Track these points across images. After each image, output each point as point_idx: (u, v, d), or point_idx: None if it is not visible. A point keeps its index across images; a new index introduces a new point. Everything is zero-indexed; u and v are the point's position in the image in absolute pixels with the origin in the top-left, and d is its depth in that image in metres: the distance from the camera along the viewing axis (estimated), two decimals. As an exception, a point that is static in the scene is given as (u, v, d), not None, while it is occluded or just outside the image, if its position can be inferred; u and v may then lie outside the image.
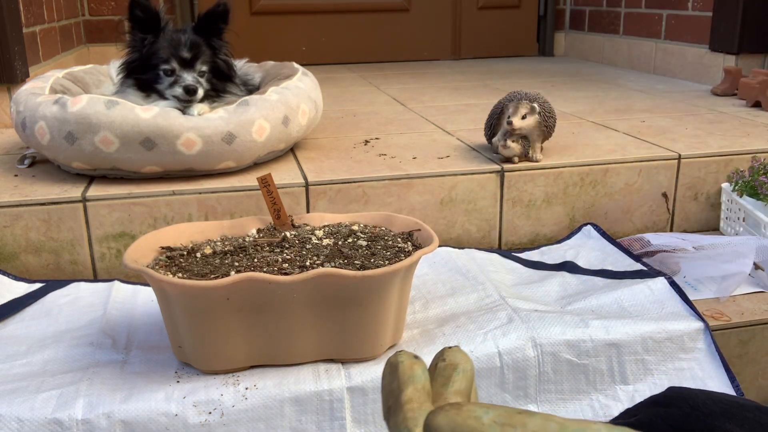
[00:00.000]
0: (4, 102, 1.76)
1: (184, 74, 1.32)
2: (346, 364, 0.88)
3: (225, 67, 1.40)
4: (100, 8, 2.60)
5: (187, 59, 1.32)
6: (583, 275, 1.15)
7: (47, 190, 1.21)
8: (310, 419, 0.86)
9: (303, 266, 0.87)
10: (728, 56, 2.21)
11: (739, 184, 1.31)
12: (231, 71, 1.42)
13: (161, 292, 0.85)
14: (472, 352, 0.91)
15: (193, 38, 1.34)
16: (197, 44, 1.34)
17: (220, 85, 1.39)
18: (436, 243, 0.90)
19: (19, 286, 1.13)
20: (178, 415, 0.81)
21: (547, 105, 1.33)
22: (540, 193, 1.33)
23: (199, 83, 1.32)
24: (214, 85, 1.38)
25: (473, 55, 3.19)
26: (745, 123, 1.68)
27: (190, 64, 1.33)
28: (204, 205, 1.21)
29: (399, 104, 2.02)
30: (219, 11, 1.34)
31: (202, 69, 1.34)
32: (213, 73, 1.37)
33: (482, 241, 1.33)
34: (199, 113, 1.25)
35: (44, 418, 0.79)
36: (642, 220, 1.39)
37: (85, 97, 1.21)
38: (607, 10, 2.90)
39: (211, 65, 1.37)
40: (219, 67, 1.38)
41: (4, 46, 1.68)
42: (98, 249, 1.19)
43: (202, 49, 1.34)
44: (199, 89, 1.31)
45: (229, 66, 1.41)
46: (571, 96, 2.11)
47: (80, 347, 0.94)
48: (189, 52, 1.32)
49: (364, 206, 1.27)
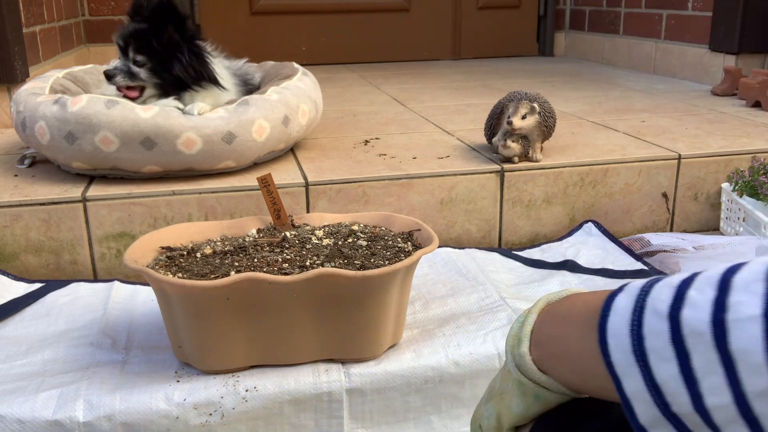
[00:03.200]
0: (4, 102, 1.76)
1: (116, 61, 1.32)
2: (346, 364, 0.88)
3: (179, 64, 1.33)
4: (100, 8, 2.60)
5: (121, 46, 1.32)
6: (583, 274, 1.15)
7: (47, 190, 1.21)
8: (308, 416, 0.86)
9: (303, 266, 0.87)
10: (728, 56, 2.21)
11: (739, 184, 1.31)
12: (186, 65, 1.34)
13: (161, 292, 0.85)
14: (471, 354, 0.91)
15: (136, 27, 1.31)
16: (135, 33, 1.31)
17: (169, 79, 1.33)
18: (436, 243, 0.90)
19: (19, 286, 1.13)
20: (179, 417, 0.81)
21: (547, 105, 1.33)
22: (540, 193, 1.33)
23: (130, 72, 1.31)
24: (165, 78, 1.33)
25: (473, 55, 3.19)
26: (745, 123, 1.68)
27: (124, 51, 1.32)
28: (204, 205, 1.21)
29: (399, 104, 2.02)
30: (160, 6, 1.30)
31: (136, 58, 1.31)
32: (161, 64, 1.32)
33: (482, 241, 1.33)
34: (199, 113, 1.25)
35: (45, 420, 0.79)
36: (642, 220, 1.39)
37: (85, 97, 1.21)
38: (607, 10, 2.90)
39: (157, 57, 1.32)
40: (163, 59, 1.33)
41: (4, 46, 1.68)
42: (98, 249, 1.19)
43: (140, 37, 1.30)
44: (118, 75, 1.30)
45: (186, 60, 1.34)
46: (571, 96, 2.11)
47: (80, 347, 0.94)
48: (123, 40, 1.31)
49: (364, 206, 1.27)
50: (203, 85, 1.36)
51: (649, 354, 0.38)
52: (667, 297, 0.38)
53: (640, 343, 0.38)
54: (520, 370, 0.51)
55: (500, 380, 0.56)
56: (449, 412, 0.91)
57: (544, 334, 0.50)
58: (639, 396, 0.39)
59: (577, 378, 0.47)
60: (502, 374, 0.56)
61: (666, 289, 0.39)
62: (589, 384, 0.45)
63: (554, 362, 0.49)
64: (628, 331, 0.39)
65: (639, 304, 0.40)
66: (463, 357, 0.90)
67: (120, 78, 1.31)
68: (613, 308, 0.41)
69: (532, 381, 0.51)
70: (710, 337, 0.35)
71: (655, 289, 0.40)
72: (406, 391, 0.88)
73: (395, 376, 0.88)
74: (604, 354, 0.41)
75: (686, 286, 0.38)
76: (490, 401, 0.57)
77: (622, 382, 0.40)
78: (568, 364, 0.47)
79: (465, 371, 0.90)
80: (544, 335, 0.50)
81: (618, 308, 0.41)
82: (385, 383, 0.87)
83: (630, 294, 0.41)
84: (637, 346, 0.38)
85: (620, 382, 0.40)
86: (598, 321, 0.42)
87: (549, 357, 0.49)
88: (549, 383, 0.50)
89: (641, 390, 0.38)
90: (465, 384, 0.90)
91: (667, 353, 0.37)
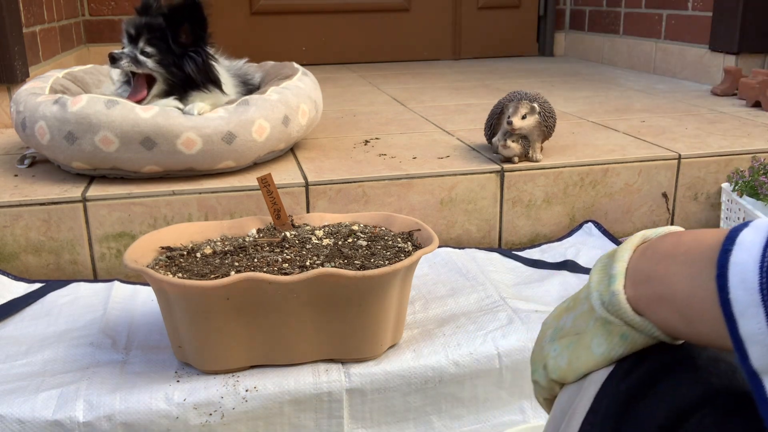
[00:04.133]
0: (4, 102, 1.76)
1: (124, 48, 1.33)
2: (346, 364, 0.88)
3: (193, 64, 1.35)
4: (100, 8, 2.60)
5: (132, 35, 1.32)
6: (583, 274, 1.15)
7: (47, 190, 1.21)
8: (308, 416, 0.86)
9: (303, 266, 0.87)
10: (728, 56, 2.20)
11: (739, 184, 1.31)
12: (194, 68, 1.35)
13: (161, 292, 0.85)
14: (471, 354, 0.91)
15: (150, 20, 1.32)
16: (149, 25, 1.32)
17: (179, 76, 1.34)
18: (436, 243, 0.90)
19: (19, 286, 1.13)
20: (179, 417, 0.81)
21: (547, 105, 1.33)
22: (540, 193, 1.33)
23: (136, 59, 1.31)
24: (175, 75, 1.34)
25: (473, 55, 3.19)
26: (745, 123, 1.68)
27: (134, 40, 1.32)
28: (204, 205, 1.21)
29: (399, 104, 2.02)
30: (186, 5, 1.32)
31: (146, 49, 1.31)
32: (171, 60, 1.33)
33: (482, 241, 1.33)
34: (199, 113, 1.25)
35: (45, 420, 0.79)
36: (642, 220, 1.39)
37: (85, 97, 1.21)
38: (607, 10, 2.90)
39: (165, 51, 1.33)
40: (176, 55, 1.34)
41: (4, 46, 1.68)
42: (98, 249, 1.19)
43: (153, 30, 1.31)
44: (124, 60, 1.30)
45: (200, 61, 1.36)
46: (571, 96, 2.11)
47: (80, 347, 0.94)
48: (135, 29, 1.31)
49: (364, 206, 1.27)
50: (209, 88, 1.37)
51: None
52: None
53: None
54: (609, 310, 0.47)
55: (573, 319, 0.52)
56: (449, 412, 0.91)
57: (642, 272, 0.46)
58: (757, 339, 0.36)
59: (682, 321, 0.43)
60: (577, 314, 0.51)
61: None
62: (694, 327, 0.42)
63: (655, 303, 0.44)
64: (756, 267, 0.36)
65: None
66: (463, 357, 0.90)
67: (125, 62, 1.31)
68: (738, 242, 0.38)
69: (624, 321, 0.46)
70: None
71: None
72: (406, 391, 0.88)
73: (395, 376, 0.88)
74: (722, 291, 0.38)
75: None
76: (556, 341, 0.52)
77: (738, 322, 0.37)
78: (673, 306, 0.43)
79: (465, 371, 0.90)
80: (643, 273, 0.46)
81: (744, 242, 0.38)
82: (385, 383, 0.88)
83: (759, 229, 0.38)
84: (766, 284, 0.36)
85: (735, 323, 0.37)
86: (717, 256, 0.39)
87: (649, 297, 0.45)
88: (643, 325, 0.46)
89: (762, 332, 0.36)
90: (465, 384, 0.90)
91: None
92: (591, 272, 0.50)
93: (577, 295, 0.53)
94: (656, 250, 0.46)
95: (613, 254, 0.49)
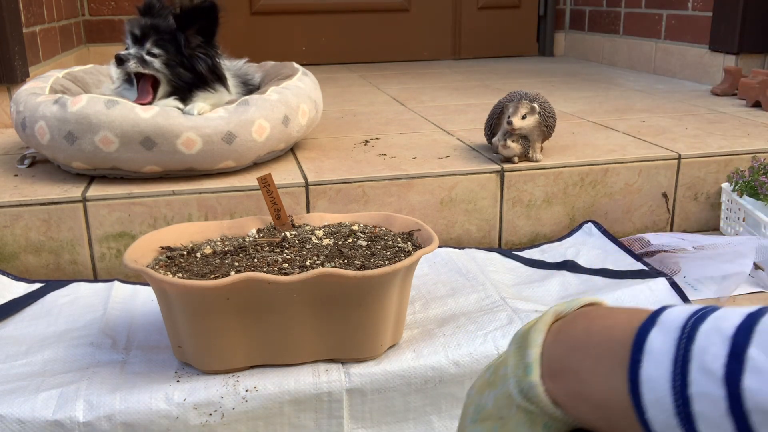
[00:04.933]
0: (4, 102, 1.76)
1: (129, 49, 1.32)
2: (346, 364, 0.88)
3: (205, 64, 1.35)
4: (100, 8, 2.60)
5: (137, 36, 1.32)
6: (583, 274, 1.15)
7: (47, 190, 1.21)
8: (308, 416, 0.86)
9: (303, 266, 0.87)
10: (728, 56, 2.21)
11: (739, 184, 1.31)
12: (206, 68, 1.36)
13: (161, 292, 0.85)
14: (471, 354, 0.91)
15: (156, 21, 1.32)
16: (155, 26, 1.31)
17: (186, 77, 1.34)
18: (436, 243, 0.90)
19: (19, 286, 1.13)
20: (179, 417, 0.81)
21: (547, 105, 1.33)
22: (540, 193, 1.33)
23: (143, 60, 1.31)
24: (181, 76, 1.34)
25: (473, 55, 3.19)
26: (745, 123, 1.68)
27: (140, 41, 1.32)
28: (204, 205, 1.21)
29: (399, 104, 2.02)
30: (203, 7, 1.33)
31: (152, 50, 1.31)
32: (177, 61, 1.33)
33: (482, 241, 1.33)
34: (199, 112, 1.25)
35: (45, 420, 0.79)
36: (642, 220, 1.39)
37: (85, 97, 1.21)
38: (607, 10, 2.90)
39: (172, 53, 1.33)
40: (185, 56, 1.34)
41: (4, 46, 1.68)
42: (98, 249, 1.19)
43: (160, 32, 1.31)
44: (131, 61, 1.30)
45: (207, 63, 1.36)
46: (571, 96, 2.11)
47: (80, 347, 0.94)
48: (140, 30, 1.31)
49: (364, 206, 1.27)
50: (216, 87, 1.37)
51: (699, 420, 0.33)
52: (719, 351, 0.33)
53: (685, 405, 0.33)
54: (528, 400, 0.45)
55: (495, 399, 0.49)
56: (449, 412, 0.91)
57: (557, 361, 0.44)
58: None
59: (602, 421, 0.40)
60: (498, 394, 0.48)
61: (716, 338, 0.33)
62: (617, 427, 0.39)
63: (573, 400, 0.42)
64: (669, 387, 0.34)
65: (681, 353, 0.34)
66: (463, 357, 0.90)
67: (132, 63, 1.31)
68: (647, 351, 0.35)
69: (544, 412, 0.44)
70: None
71: (701, 334, 0.34)
72: (406, 391, 0.88)
73: (395, 376, 0.88)
74: (638, 407, 0.35)
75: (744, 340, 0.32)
76: (478, 423, 0.49)
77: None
78: (591, 405, 0.40)
79: (465, 371, 0.90)
80: (558, 362, 0.43)
81: (653, 352, 0.35)
82: (385, 383, 0.88)
83: (667, 333, 0.35)
84: (682, 409, 0.33)
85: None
86: (628, 365, 0.36)
87: (567, 394, 0.42)
88: (565, 418, 0.43)
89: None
90: (465, 384, 0.90)
91: (725, 426, 0.31)
92: (508, 348, 0.48)
93: (497, 367, 0.50)
94: (570, 336, 0.44)
95: (527, 335, 0.47)
